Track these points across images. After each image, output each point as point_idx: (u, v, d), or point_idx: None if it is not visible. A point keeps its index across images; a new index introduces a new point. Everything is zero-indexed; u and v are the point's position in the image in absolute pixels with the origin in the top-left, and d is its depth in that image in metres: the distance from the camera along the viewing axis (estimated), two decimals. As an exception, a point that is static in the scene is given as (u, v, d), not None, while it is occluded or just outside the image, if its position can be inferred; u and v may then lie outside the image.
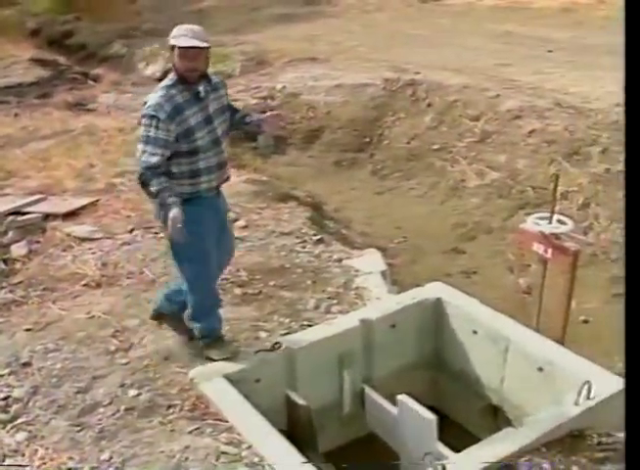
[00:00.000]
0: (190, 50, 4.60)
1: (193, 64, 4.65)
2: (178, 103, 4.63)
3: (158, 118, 4.54)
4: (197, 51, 4.63)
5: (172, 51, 4.66)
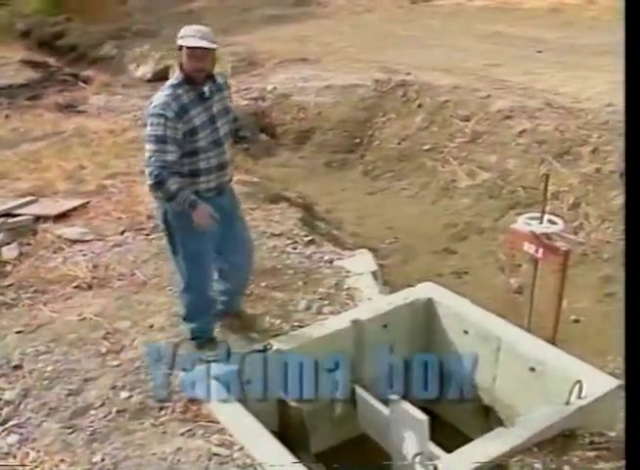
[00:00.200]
0: (197, 50, 4.65)
1: (200, 64, 4.71)
2: (184, 102, 4.69)
3: (166, 117, 4.59)
4: (204, 51, 4.68)
5: (180, 51, 4.70)
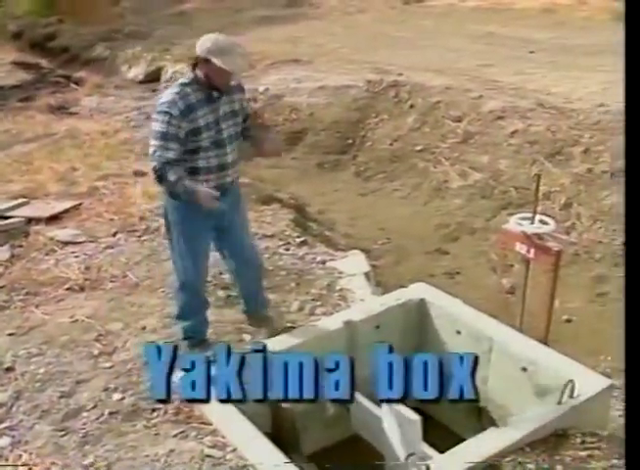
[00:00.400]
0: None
1: (229, 77, 4.80)
2: (191, 102, 4.74)
3: (170, 115, 4.65)
4: None
5: (205, 63, 4.70)
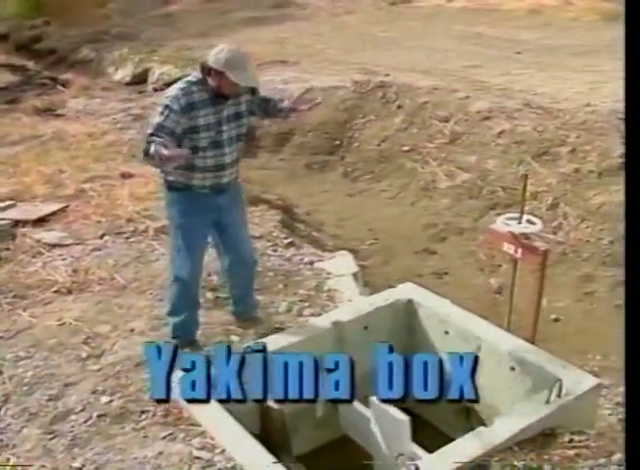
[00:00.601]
0: None
1: (241, 89, 4.88)
2: (194, 100, 4.77)
3: (170, 109, 4.69)
4: None
5: (218, 75, 4.72)
